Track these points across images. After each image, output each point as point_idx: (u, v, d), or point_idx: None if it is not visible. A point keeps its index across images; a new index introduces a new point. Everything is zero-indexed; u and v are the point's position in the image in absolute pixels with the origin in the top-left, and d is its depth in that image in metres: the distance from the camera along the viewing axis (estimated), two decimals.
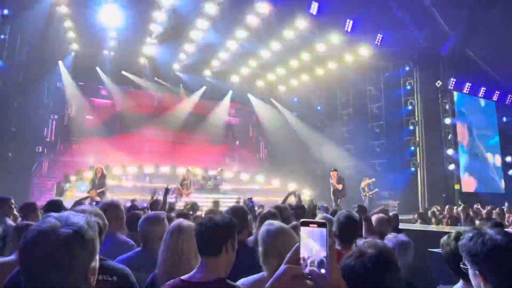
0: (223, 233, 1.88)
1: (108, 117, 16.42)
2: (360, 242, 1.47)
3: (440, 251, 2.10)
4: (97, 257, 1.19)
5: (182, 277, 1.86)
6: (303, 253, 1.13)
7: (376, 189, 14.08)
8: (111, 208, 3.06)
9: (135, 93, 17.11)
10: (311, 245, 1.12)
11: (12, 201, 4.49)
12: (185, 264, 2.09)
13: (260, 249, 1.99)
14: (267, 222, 2.14)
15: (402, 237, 3.10)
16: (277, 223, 2.10)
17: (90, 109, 16.25)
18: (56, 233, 1.07)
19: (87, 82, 16.11)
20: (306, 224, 1.14)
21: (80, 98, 15.83)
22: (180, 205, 10.67)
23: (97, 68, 15.56)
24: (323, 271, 1.09)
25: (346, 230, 2.86)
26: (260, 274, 1.95)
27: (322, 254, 1.10)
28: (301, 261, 1.13)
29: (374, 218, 3.82)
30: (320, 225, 1.13)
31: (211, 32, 13.49)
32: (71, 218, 1.14)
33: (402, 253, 2.83)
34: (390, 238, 3.02)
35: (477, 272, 1.46)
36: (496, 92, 19.29)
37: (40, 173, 14.61)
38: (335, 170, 12.25)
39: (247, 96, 19.31)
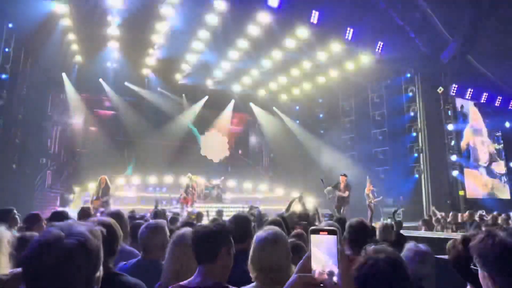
0: (218, 239, 1.91)
1: (111, 128, 16.50)
2: (369, 248, 1.47)
3: (446, 257, 2.09)
4: (101, 267, 1.15)
5: (180, 283, 1.88)
6: (314, 262, 1.11)
7: (381, 197, 13.88)
8: (114, 218, 3.06)
9: (138, 103, 17.21)
10: (322, 253, 1.11)
11: (15, 211, 4.48)
12: (188, 273, 2.09)
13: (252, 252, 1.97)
14: (265, 228, 2.12)
15: (421, 246, 3.07)
16: (270, 231, 2.04)
17: (94, 120, 16.35)
18: (59, 245, 1.04)
19: (91, 94, 16.24)
20: (316, 232, 1.12)
21: (84, 109, 15.95)
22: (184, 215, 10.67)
23: (100, 80, 15.70)
24: (335, 279, 1.07)
25: (357, 235, 2.87)
26: (252, 284, 1.93)
27: (333, 262, 1.09)
28: (312, 270, 1.10)
29: (378, 225, 3.81)
30: (331, 232, 1.11)
31: (213, 42, 13.60)
32: (75, 227, 1.11)
33: (420, 263, 2.80)
34: (410, 247, 2.98)
35: (486, 274, 1.46)
36: (499, 97, 19.27)
37: (44, 185, 14.65)
38: (345, 175, 11.98)
39: (249, 105, 19.38)
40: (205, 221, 7.37)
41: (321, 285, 1.09)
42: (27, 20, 11.46)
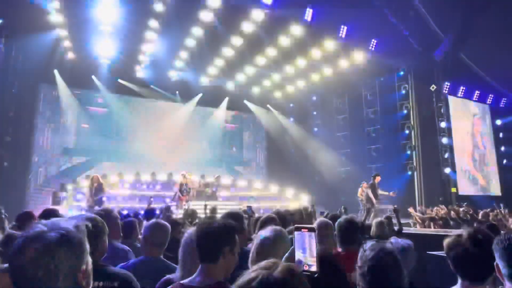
0: (221, 238, 1.86)
1: (104, 125, 16.37)
2: (367, 245, 1.58)
3: (439, 254, 2.09)
4: (89, 260, 1.19)
5: (181, 282, 1.87)
6: (297, 253, 1.37)
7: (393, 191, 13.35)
8: (102, 216, 3.06)
9: (131, 100, 17.10)
10: (303, 246, 1.37)
11: (2, 211, 4.35)
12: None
13: (254, 251, 1.98)
14: (269, 227, 2.15)
15: (401, 240, 3.11)
16: (276, 229, 2.09)
17: (86, 117, 16.21)
18: (41, 238, 1.08)
19: (83, 91, 16.09)
20: (299, 229, 1.40)
21: (76, 106, 15.81)
22: (180, 212, 10.67)
23: (93, 77, 15.55)
24: (313, 268, 1.33)
25: (346, 232, 2.94)
26: None
27: (312, 253, 1.35)
28: (296, 260, 1.36)
29: (373, 221, 3.84)
30: (310, 229, 1.39)
31: (207, 40, 13.56)
32: (59, 223, 1.15)
33: (402, 257, 2.83)
34: (391, 242, 3.03)
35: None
36: (490, 95, 19.47)
37: (36, 183, 14.53)
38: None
39: (244, 103, 19.36)
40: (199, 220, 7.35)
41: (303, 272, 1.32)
42: (18, 16, 11.32)
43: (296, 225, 1.42)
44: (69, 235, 1.12)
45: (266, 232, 2.03)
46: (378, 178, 11.86)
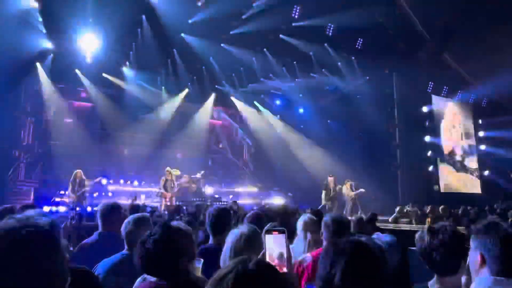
0: (175, 255, 1.75)
1: (88, 120, 16.08)
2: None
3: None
4: (66, 256, 1.15)
5: (150, 279, 1.83)
6: (269, 254, 1.40)
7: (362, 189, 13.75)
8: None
9: (116, 95, 16.82)
10: (275, 247, 1.41)
11: None
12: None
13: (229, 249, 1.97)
14: (244, 225, 2.13)
15: (383, 237, 3.15)
16: (249, 227, 2.07)
17: (70, 112, 15.88)
18: (12, 235, 1.04)
19: (66, 84, 15.75)
20: (269, 232, 1.45)
21: (59, 100, 15.45)
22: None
23: (77, 70, 15.22)
24: (285, 269, 1.37)
25: (333, 234, 2.92)
26: None
27: (283, 254, 1.39)
28: (267, 261, 1.36)
29: (353, 218, 3.89)
30: (280, 231, 1.44)
31: (195, 34, 13.48)
32: (33, 219, 1.10)
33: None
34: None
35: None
36: (472, 95, 19.89)
37: (17, 178, 14.19)
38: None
39: (231, 99, 19.28)
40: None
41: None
42: None
43: (267, 229, 1.45)
44: (42, 232, 1.08)
45: (242, 228, 2.02)
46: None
